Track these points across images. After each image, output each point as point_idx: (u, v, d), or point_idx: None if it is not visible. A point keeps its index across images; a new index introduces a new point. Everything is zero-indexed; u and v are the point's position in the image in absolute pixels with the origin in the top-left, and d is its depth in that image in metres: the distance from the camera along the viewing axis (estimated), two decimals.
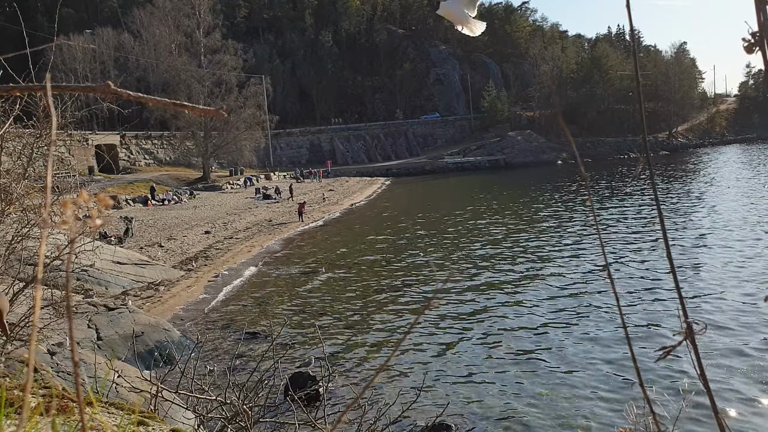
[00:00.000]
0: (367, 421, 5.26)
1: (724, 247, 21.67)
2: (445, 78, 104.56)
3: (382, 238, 29.30)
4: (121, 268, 19.72)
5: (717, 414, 1.02)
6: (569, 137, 0.84)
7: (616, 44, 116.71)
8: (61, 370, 8.38)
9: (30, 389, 1.26)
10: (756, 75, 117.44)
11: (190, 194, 48.68)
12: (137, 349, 11.81)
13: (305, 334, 14.67)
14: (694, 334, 0.97)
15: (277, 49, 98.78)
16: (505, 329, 14.38)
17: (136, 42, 71.39)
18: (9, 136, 5.60)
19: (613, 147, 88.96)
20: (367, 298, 18.16)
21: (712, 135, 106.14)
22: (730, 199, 34.75)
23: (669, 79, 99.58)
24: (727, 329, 12.94)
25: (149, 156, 67.11)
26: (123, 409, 2.61)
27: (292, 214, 36.77)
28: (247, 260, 24.31)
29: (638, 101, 2.06)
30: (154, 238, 27.84)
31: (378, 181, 67.43)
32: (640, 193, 40.89)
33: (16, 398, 2.10)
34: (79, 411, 1.91)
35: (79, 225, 0.71)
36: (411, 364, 12.28)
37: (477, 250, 24.53)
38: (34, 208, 6.09)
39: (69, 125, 6.54)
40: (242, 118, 57.54)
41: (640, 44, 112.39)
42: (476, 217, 34.98)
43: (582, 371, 11.48)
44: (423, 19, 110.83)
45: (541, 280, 18.94)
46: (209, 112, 1.14)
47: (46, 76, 0.90)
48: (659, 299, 15.57)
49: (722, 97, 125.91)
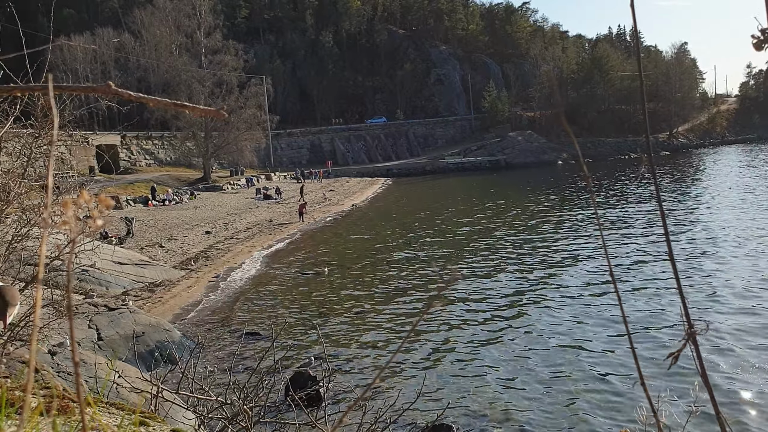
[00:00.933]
0: (368, 421, 5.26)
1: (726, 246, 21.64)
2: (446, 78, 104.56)
3: (383, 238, 29.30)
4: (122, 268, 19.72)
5: (719, 414, 1.02)
6: (572, 137, 0.84)
7: (616, 44, 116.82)
8: (61, 370, 8.38)
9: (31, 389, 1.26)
10: (757, 75, 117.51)
11: (190, 194, 48.69)
12: (138, 349, 11.81)
13: (306, 334, 14.66)
14: (695, 334, 0.97)
15: (277, 50, 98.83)
16: (506, 329, 14.37)
17: (136, 42, 71.44)
18: (8, 136, 5.60)
19: (614, 147, 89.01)
20: (368, 298, 18.16)
21: (712, 135, 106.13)
22: (732, 198, 34.73)
23: (670, 79, 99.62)
24: (730, 329, 12.92)
25: (150, 156, 67.13)
26: (124, 410, 2.61)
27: (293, 215, 36.77)
28: (248, 260, 24.32)
29: (641, 101, 2.04)
30: (155, 239, 27.84)
31: (379, 182, 67.43)
32: (641, 193, 40.88)
33: (17, 398, 2.10)
34: (79, 411, 1.90)
35: (79, 225, 0.71)
36: (411, 365, 12.28)
37: (478, 251, 24.52)
38: (33, 208, 6.09)
39: (69, 125, 6.54)
40: (243, 118, 57.57)
41: (640, 45, 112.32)
42: (477, 217, 34.97)
43: (583, 371, 11.47)
44: (423, 19, 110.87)
45: (543, 280, 18.93)
46: (210, 112, 1.14)
47: (48, 76, 0.90)
48: (661, 299, 15.55)
49: (723, 97, 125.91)
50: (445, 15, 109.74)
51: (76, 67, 64.05)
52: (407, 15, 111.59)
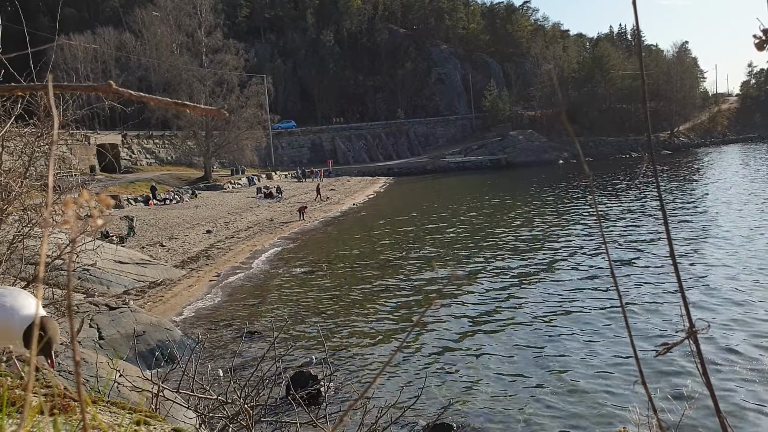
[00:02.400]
0: (369, 420, 5.26)
1: (727, 245, 21.62)
2: (447, 77, 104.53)
3: (383, 237, 29.30)
4: (123, 267, 19.73)
5: (719, 413, 1.02)
6: (573, 136, 0.84)
7: (617, 44, 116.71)
8: (62, 369, 8.38)
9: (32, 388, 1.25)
10: (758, 74, 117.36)
11: (191, 194, 48.70)
12: (139, 348, 11.81)
13: (307, 333, 14.67)
14: (696, 332, 0.97)
15: (278, 49, 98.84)
16: (506, 328, 14.37)
17: (137, 41, 71.43)
18: (10, 135, 5.61)
19: (615, 146, 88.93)
20: (369, 297, 18.16)
21: (713, 134, 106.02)
22: (733, 197, 34.69)
23: (671, 78, 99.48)
24: (731, 328, 12.92)
25: (151, 155, 67.15)
26: (125, 409, 2.61)
27: (294, 214, 36.78)
28: (249, 259, 24.33)
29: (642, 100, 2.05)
30: (156, 238, 27.86)
31: (379, 181, 67.42)
32: (642, 191, 40.84)
33: (17, 397, 2.10)
34: (80, 410, 1.91)
35: (80, 224, 0.71)
36: (412, 364, 12.28)
37: (479, 250, 24.51)
38: (35, 208, 6.09)
39: (70, 124, 6.54)
40: (244, 117, 57.58)
41: (642, 44, 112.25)
42: (478, 216, 34.96)
43: (583, 370, 11.47)
44: (424, 18, 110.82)
45: (543, 279, 18.93)
46: (211, 111, 1.14)
47: (48, 76, 0.90)
48: (662, 298, 15.54)
49: (724, 96, 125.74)
50: (445, 14, 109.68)
51: (77, 66, 64.03)
52: (408, 14, 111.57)
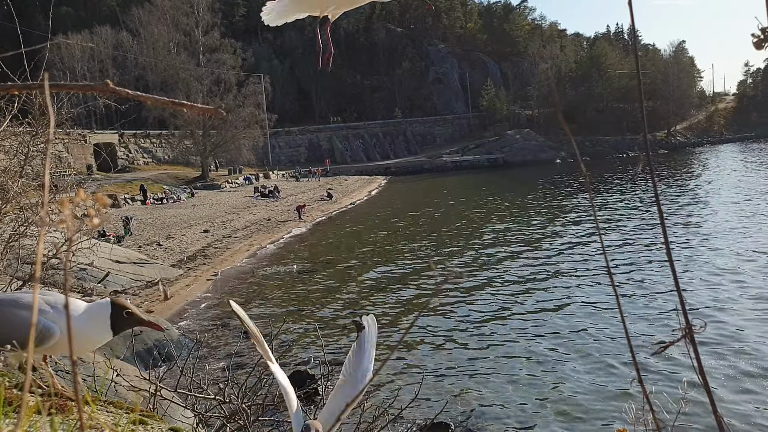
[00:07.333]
0: (366, 419, 5.26)
1: (724, 244, 21.66)
2: (444, 77, 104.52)
3: (381, 236, 29.30)
4: (120, 266, 19.69)
5: (716, 412, 1.02)
6: (570, 136, 0.84)
7: (614, 43, 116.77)
8: (59, 368, 8.37)
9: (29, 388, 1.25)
10: (755, 74, 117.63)
11: (189, 193, 48.62)
12: (136, 347, 11.78)
13: (304, 332, 14.67)
14: (693, 332, 0.97)
15: (275, 48, 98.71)
16: (504, 328, 14.40)
17: (134, 41, 71.28)
18: (6, 134, 5.59)
19: (612, 146, 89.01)
20: (366, 296, 18.17)
21: (710, 134, 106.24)
22: (730, 197, 34.76)
23: (667, 77, 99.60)
24: (728, 327, 12.95)
25: (148, 154, 67.01)
26: (122, 408, 2.61)
27: (291, 213, 36.76)
28: (246, 259, 24.31)
29: (639, 100, 2.03)
30: (153, 237, 27.81)
31: (377, 180, 67.39)
32: (639, 191, 40.91)
33: (14, 397, 2.10)
34: (77, 410, 1.90)
35: (77, 223, 0.71)
36: (410, 363, 12.29)
37: (476, 249, 24.53)
38: (31, 207, 6.08)
39: (66, 123, 6.52)
40: (241, 116, 57.52)
41: (638, 43, 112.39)
42: (476, 215, 34.98)
43: (581, 370, 11.49)
44: (422, 17, 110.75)
45: (541, 279, 18.95)
46: (208, 110, 1.13)
47: (44, 74, 0.90)
48: (659, 297, 15.57)
49: (721, 95, 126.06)
50: (443, 13, 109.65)
51: (73, 65, 63.95)
52: (405, 13, 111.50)
